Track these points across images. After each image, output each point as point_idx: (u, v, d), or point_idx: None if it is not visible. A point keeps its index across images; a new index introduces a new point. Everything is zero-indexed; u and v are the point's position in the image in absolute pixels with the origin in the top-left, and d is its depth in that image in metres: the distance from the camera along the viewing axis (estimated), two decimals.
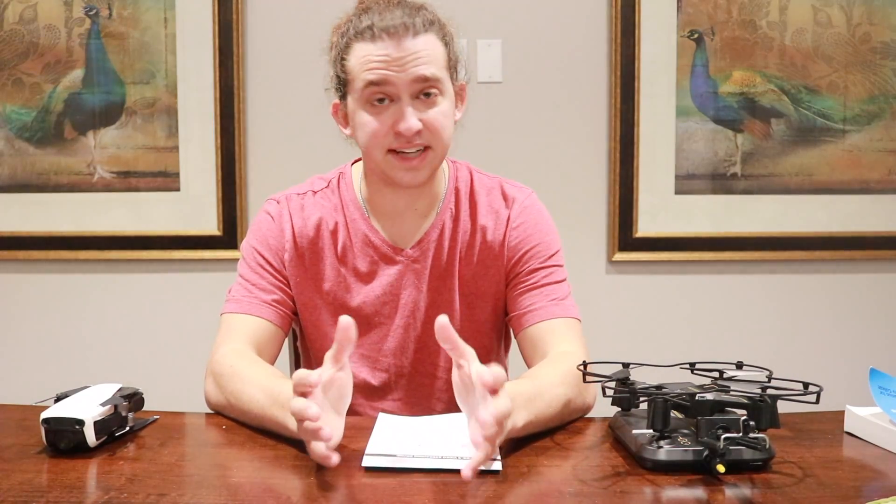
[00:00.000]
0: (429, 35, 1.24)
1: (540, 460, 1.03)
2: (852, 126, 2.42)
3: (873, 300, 2.47)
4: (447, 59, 1.27)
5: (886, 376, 1.13)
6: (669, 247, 2.42)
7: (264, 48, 2.37)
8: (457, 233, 1.35)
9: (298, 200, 1.37)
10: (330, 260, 1.35)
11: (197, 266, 2.41)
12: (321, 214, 1.36)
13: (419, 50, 1.22)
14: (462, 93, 1.33)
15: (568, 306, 1.34)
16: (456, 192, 1.37)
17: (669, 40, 2.38)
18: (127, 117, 2.38)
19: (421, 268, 1.34)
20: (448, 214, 1.36)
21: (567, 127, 2.41)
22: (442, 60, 1.26)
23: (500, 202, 1.37)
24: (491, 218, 1.36)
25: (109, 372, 2.34)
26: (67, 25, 2.36)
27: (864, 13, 2.39)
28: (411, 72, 1.22)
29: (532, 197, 1.40)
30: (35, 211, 2.41)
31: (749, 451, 0.96)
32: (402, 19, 1.22)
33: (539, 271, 1.35)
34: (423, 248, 1.34)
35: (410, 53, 1.22)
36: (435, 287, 1.35)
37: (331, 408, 1.00)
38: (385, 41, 1.22)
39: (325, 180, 1.40)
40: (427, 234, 1.35)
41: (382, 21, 1.22)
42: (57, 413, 1.04)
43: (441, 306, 1.34)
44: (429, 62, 1.23)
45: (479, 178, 1.40)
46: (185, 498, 0.91)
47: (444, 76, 1.26)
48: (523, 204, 1.37)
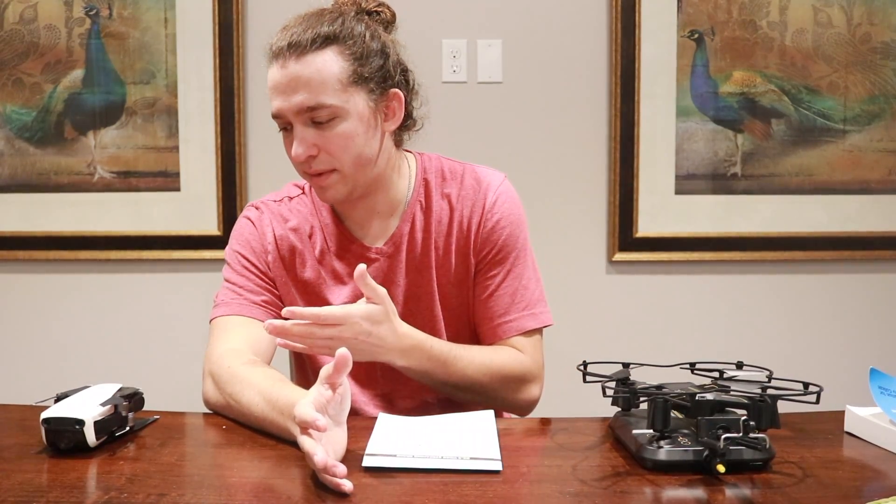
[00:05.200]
0: (320, 54, 1.20)
1: (540, 460, 1.04)
2: (852, 126, 2.42)
3: (873, 300, 2.47)
4: (348, 74, 1.22)
5: (886, 376, 1.13)
6: (669, 247, 2.42)
7: (264, 48, 2.36)
8: (430, 224, 1.35)
9: (276, 207, 1.39)
10: (310, 263, 1.35)
11: (197, 266, 2.41)
12: (298, 220, 1.37)
13: (302, 75, 1.20)
14: (395, 100, 1.28)
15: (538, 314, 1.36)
16: (425, 183, 1.37)
17: (669, 40, 2.38)
18: (127, 117, 2.38)
19: (395, 262, 1.34)
20: (417, 207, 1.36)
21: (567, 127, 2.41)
22: (337, 80, 1.21)
23: (474, 187, 1.36)
24: (467, 204, 1.35)
25: (109, 372, 2.34)
26: (67, 25, 2.36)
27: (865, 13, 2.39)
28: (294, 101, 1.21)
29: (506, 182, 1.39)
30: (35, 211, 2.41)
31: (749, 451, 0.96)
32: (291, 38, 1.20)
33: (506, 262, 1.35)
34: (396, 243, 1.35)
35: (293, 80, 1.20)
36: (412, 280, 1.35)
37: (332, 422, 1.00)
38: (274, 66, 1.22)
39: (300, 187, 1.42)
40: (398, 229, 1.35)
41: (278, 41, 1.22)
42: (57, 413, 1.04)
43: (420, 298, 1.35)
44: (315, 88, 1.20)
45: (449, 165, 1.39)
46: (185, 498, 0.91)
47: (343, 98, 1.21)
48: (498, 190, 1.36)
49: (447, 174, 1.38)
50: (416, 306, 1.35)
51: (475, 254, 1.35)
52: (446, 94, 2.36)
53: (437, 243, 1.35)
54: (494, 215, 1.34)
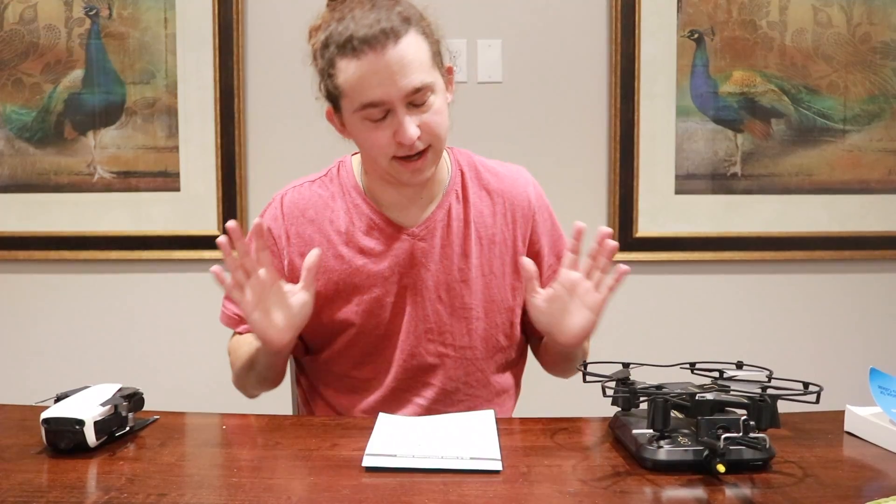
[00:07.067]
0: (410, 35, 1.21)
1: (540, 460, 1.04)
2: (852, 126, 2.42)
3: (873, 300, 2.47)
4: (431, 53, 1.25)
5: (886, 376, 1.13)
6: (669, 247, 2.42)
7: (264, 48, 2.37)
8: (468, 214, 1.35)
9: (294, 195, 1.38)
10: (331, 245, 1.34)
11: (197, 266, 2.41)
12: (318, 203, 1.36)
13: (404, 58, 1.20)
14: (450, 75, 1.31)
15: None
16: (461, 174, 1.38)
17: (669, 40, 2.38)
18: (127, 117, 2.38)
19: (428, 246, 1.33)
20: (453, 196, 1.36)
21: (567, 127, 2.41)
22: (427, 59, 1.23)
23: (512, 181, 1.40)
24: (508, 198, 1.38)
25: (109, 372, 2.34)
26: (67, 25, 2.36)
27: (864, 13, 2.39)
28: (402, 86, 1.20)
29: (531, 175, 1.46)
30: (35, 211, 2.41)
31: (749, 450, 0.96)
32: (380, 25, 1.19)
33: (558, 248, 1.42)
34: (430, 228, 1.34)
35: (396, 64, 1.19)
36: (444, 268, 1.34)
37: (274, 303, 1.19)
38: (368, 55, 1.19)
39: (323, 171, 1.42)
40: (433, 214, 1.35)
41: (360, 30, 1.19)
42: (57, 413, 1.04)
43: (452, 286, 1.34)
44: (417, 69, 1.21)
45: (479, 159, 1.43)
46: (185, 498, 0.91)
47: (433, 75, 1.24)
48: (532, 182, 1.43)
49: (480, 167, 1.40)
50: (447, 294, 1.34)
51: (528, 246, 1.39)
52: None
53: (480, 234, 1.36)
54: (541, 209, 1.41)
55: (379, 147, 1.24)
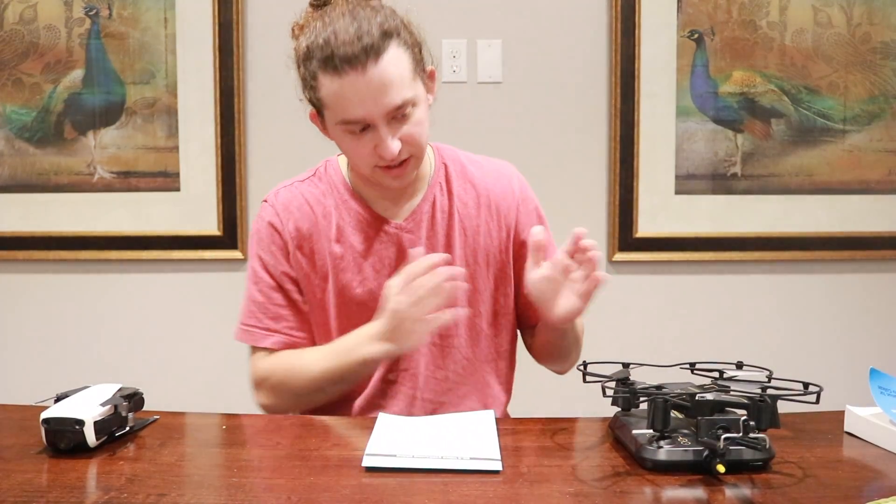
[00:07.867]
0: (391, 51, 1.21)
1: (540, 460, 1.03)
2: (852, 126, 2.42)
3: (873, 300, 2.47)
4: (413, 64, 1.24)
5: (886, 376, 1.13)
6: (669, 247, 2.42)
7: (264, 48, 2.37)
8: (452, 205, 1.38)
9: (285, 193, 1.40)
10: (326, 242, 1.36)
11: (197, 266, 2.41)
12: (310, 200, 1.38)
13: (384, 77, 1.20)
14: (432, 80, 1.32)
15: None
16: (444, 167, 1.40)
17: (669, 40, 2.38)
18: (127, 117, 2.38)
19: (415, 238, 1.36)
20: (437, 189, 1.38)
21: (567, 127, 2.41)
22: (409, 72, 1.23)
23: (496, 173, 1.42)
24: (493, 189, 1.40)
25: (109, 372, 2.34)
26: (67, 25, 2.36)
27: (864, 13, 2.39)
28: (383, 105, 1.21)
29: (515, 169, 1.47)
30: (35, 211, 2.41)
31: (749, 451, 0.96)
32: (361, 43, 1.18)
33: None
34: (416, 220, 1.36)
35: (377, 83, 1.19)
36: None
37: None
38: (350, 74, 1.19)
39: (310, 171, 1.43)
40: (419, 207, 1.37)
41: (341, 48, 1.18)
42: (57, 413, 1.04)
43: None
44: (398, 86, 1.21)
45: (463, 154, 1.45)
46: (185, 498, 0.91)
47: (415, 88, 1.24)
48: (517, 175, 1.44)
49: (465, 161, 1.42)
50: None
51: (513, 236, 1.39)
52: (446, 94, 2.36)
53: (464, 224, 1.38)
54: (525, 200, 1.42)
55: (361, 157, 1.27)
